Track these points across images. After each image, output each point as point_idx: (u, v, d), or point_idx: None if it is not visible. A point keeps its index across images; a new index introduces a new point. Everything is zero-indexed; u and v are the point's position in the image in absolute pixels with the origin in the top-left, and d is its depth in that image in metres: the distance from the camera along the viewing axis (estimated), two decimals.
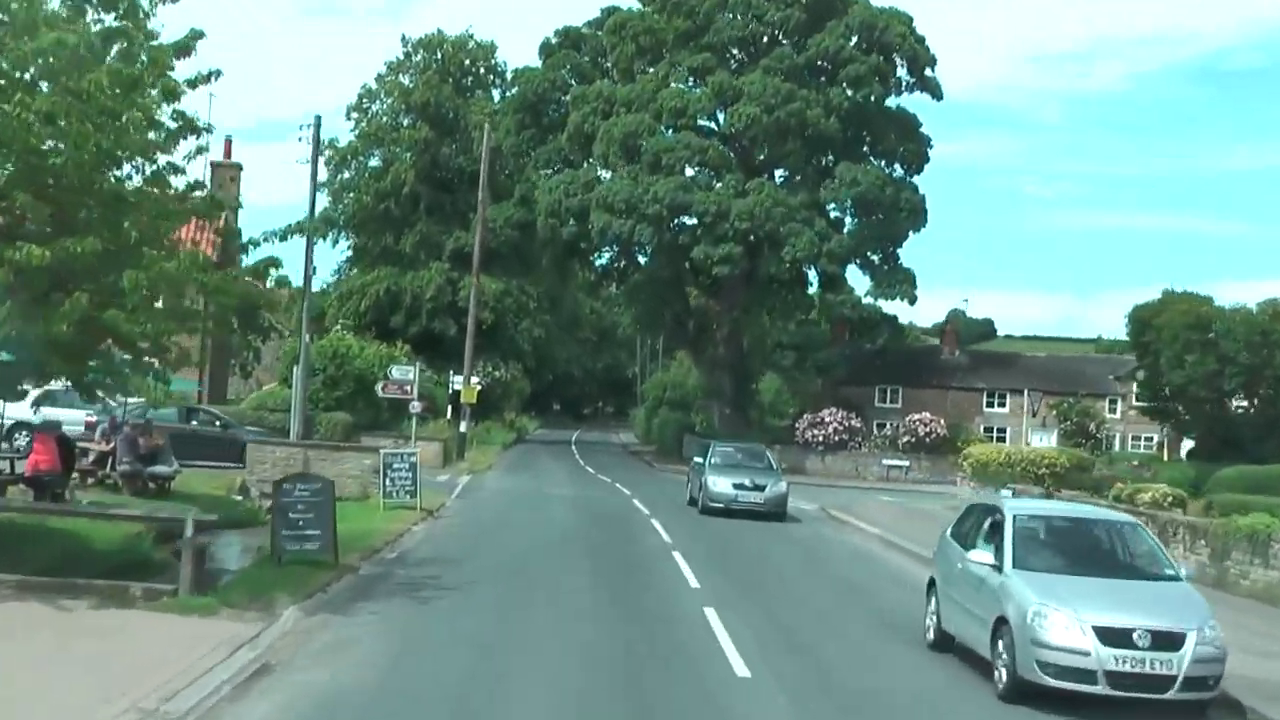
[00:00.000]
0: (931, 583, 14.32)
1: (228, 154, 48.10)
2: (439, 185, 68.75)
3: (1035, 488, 32.70)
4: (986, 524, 13.18)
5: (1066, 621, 11.02)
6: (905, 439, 50.65)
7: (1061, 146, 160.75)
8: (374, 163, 70.06)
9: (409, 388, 30.57)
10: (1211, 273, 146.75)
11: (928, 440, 50.47)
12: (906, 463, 49.95)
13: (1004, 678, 11.51)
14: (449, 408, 46.62)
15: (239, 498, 29.45)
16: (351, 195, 69.30)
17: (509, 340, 68.02)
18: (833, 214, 52.78)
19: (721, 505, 27.45)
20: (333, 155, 69.62)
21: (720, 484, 27.67)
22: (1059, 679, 10.94)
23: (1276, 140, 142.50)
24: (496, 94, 70.23)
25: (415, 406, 30.57)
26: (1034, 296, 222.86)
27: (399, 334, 65.17)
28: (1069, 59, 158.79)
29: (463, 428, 44.11)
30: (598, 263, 63.71)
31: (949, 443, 50.94)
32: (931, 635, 13.93)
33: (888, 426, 53.73)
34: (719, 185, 49.86)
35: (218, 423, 34.59)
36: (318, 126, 37.96)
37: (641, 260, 57.26)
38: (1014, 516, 12.74)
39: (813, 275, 53.08)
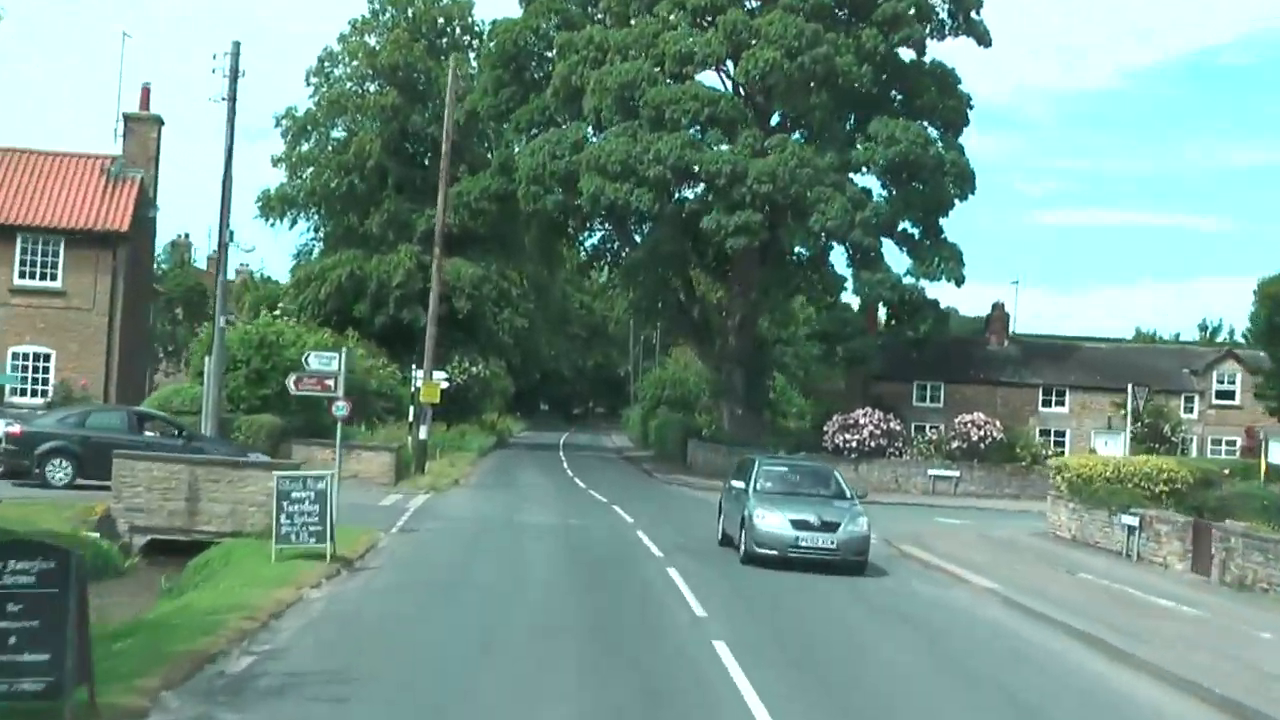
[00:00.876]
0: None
1: (145, 104, 39.45)
2: (409, 159, 60.18)
3: (1177, 515, 24.21)
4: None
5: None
6: (955, 444, 42.17)
7: (1051, 144, 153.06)
8: (337, 134, 61.41)
9: (332, 382, 21.85)
10: (1200, 269, 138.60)
11: (981, 445, 42.01)
12: (956, 473, 41.50)
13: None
14: (410, 409, 38.08)
15: (94, 535, 20.96)
16: (310, 170, 60.56)
17: (488, 332, 59.40)
18: (864, 179, 44.37)
19: (775, 552, 18.84)
20: (290, 125, 61.06)
21: (773, 521, 19.02)
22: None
23: (1266, 138, 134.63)
24: (474, 57, 61.57)
25: (340, 408, 21.71)
26: (1026, 292, 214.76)
27: (364, 325, 56.69)
28: (1062, 52, 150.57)
29: (423, 433, 35.53)
30: (588, 242, 55.27)
31: (1005, 448, 42.51)
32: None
33: (927, 429, 45.29)
34: (731, 144, 41.24)
35: (179, 433, 26.23)
36: (236, 55, 29.51)
37: (639, 237, 48.79)
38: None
39: (838, 252, 44.75)
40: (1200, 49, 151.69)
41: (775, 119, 45.19)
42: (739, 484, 20.59)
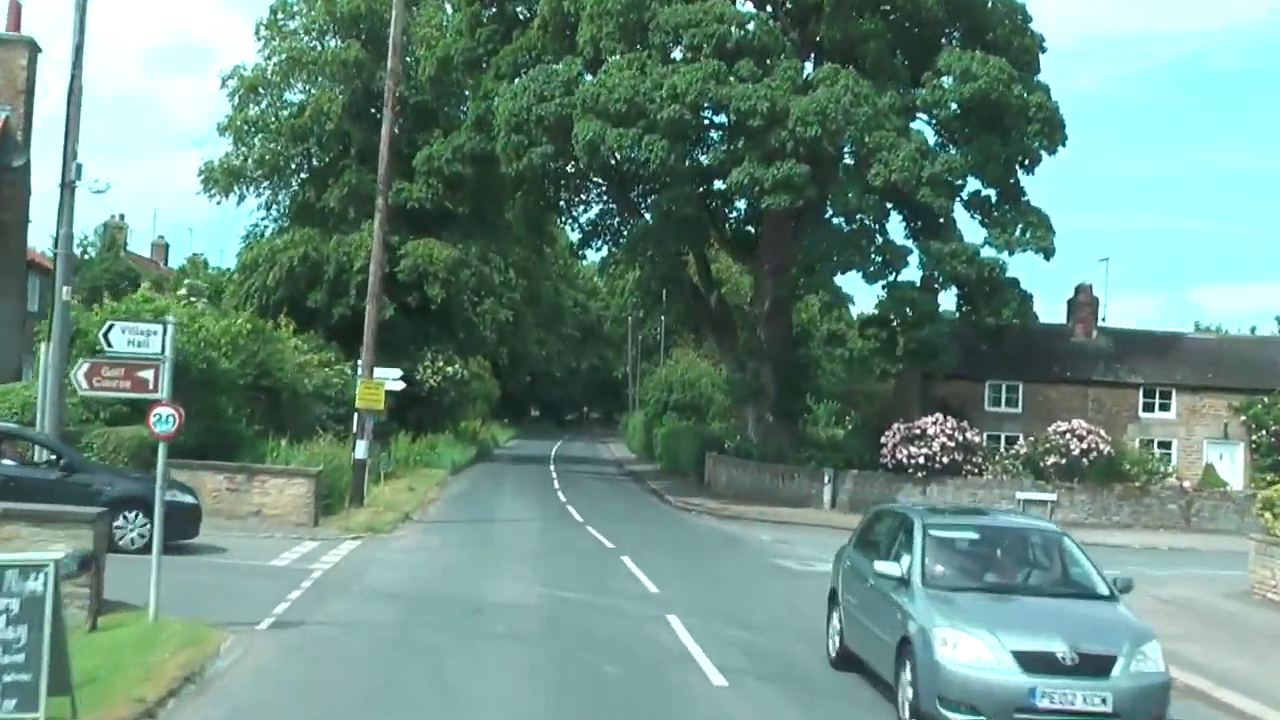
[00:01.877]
0: None
1: (14, 24, 29.98)
2: (374, 124, 50.48)
3: None
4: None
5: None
6: (1050, 460, 32.72)
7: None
8: (292, 96, 51.89)
9: (150, 375, 12.25)
10: (1194, 275, 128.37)
11: (1084, 461, 32.57)
12: (1053, 496, 32.01)
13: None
14: (355, 418, 28.54)
15: None
16: (260, 138, 50.97)
17: (467, 325, 49.93)
18: (926, 128, 34.90)
19: (997, 715, 9.18)
20: (237, 86, 51.45)
21: (977, 655, 9.00)
22: None
23: (1258, 141, 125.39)
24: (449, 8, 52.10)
25: (165, 420, 12.06)
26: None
27: (320, 318, 47.28)
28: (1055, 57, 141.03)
29: (360, 450, 25.88)
30: (584, 216, 45.82)
31: (1111, 465, 33.12)
32: None
33: (1002, 440, 35.87)
34: (766, 78, 31.68)
35: (56, 458, 17.75)
36: None
37: (646, 211, 39.33)
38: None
39: (892, 219, 35.35)
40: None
41: (825, 40, 35.05)
42: (889, 568, 10.33)
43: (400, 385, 31.25)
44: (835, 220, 34.25)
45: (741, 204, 37.21)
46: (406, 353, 47.60)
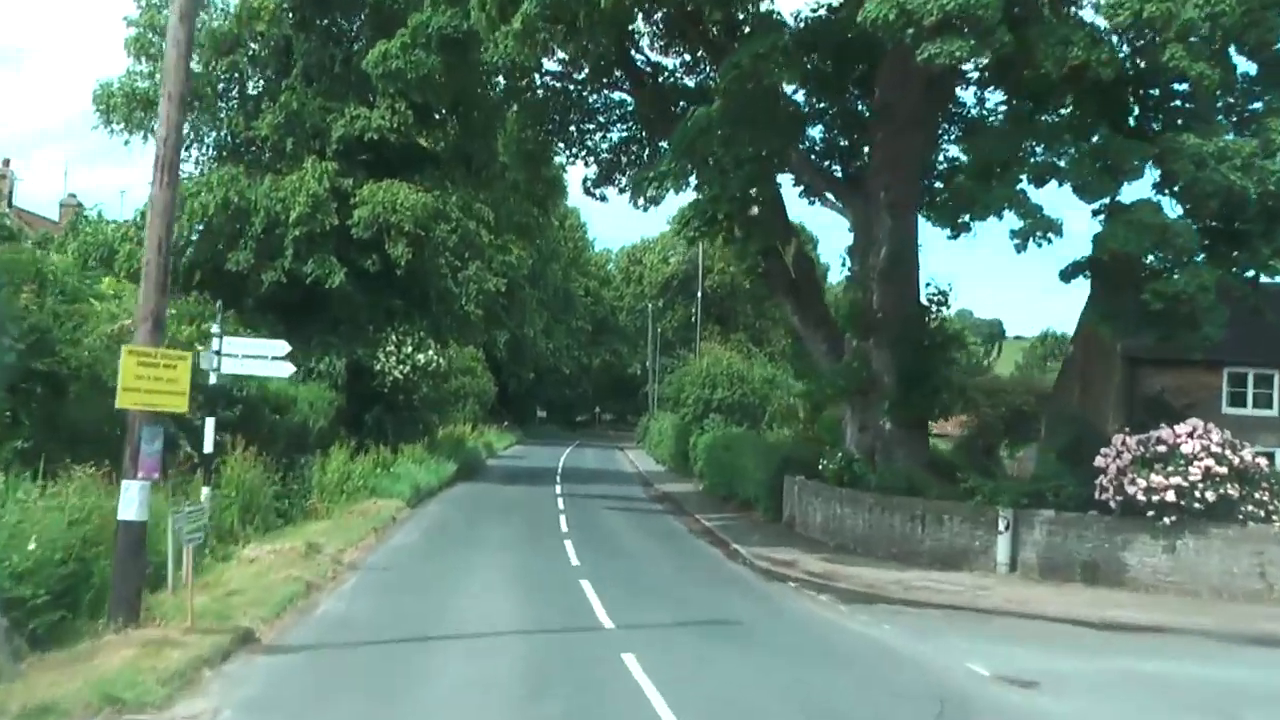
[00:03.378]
0: None
1: None
2: (326, 31, 37.30)
3: None
4: None
5: None
6: None
7: None
8: None
9: None
10: None
11: None
12: None
13: None
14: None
15: None
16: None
17: (443, 297, 36.59)
18: None
19: None
20: None
21: None
22: None
23: None
24: None
25: None
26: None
27: (243, 284, 34.24)
28: None
29: (131, 506, 12.26)
30: (605, 142, 32.42)
31: None
32: None
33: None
34: None
35: None
36: None
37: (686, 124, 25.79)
38: None
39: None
40: None
41: None
42: None
43: (285, 370, 17.69)
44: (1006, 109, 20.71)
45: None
46: (361, 334, 34.37)
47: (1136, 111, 20.73)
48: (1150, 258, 18.71)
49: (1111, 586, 19.07)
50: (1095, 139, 19.37)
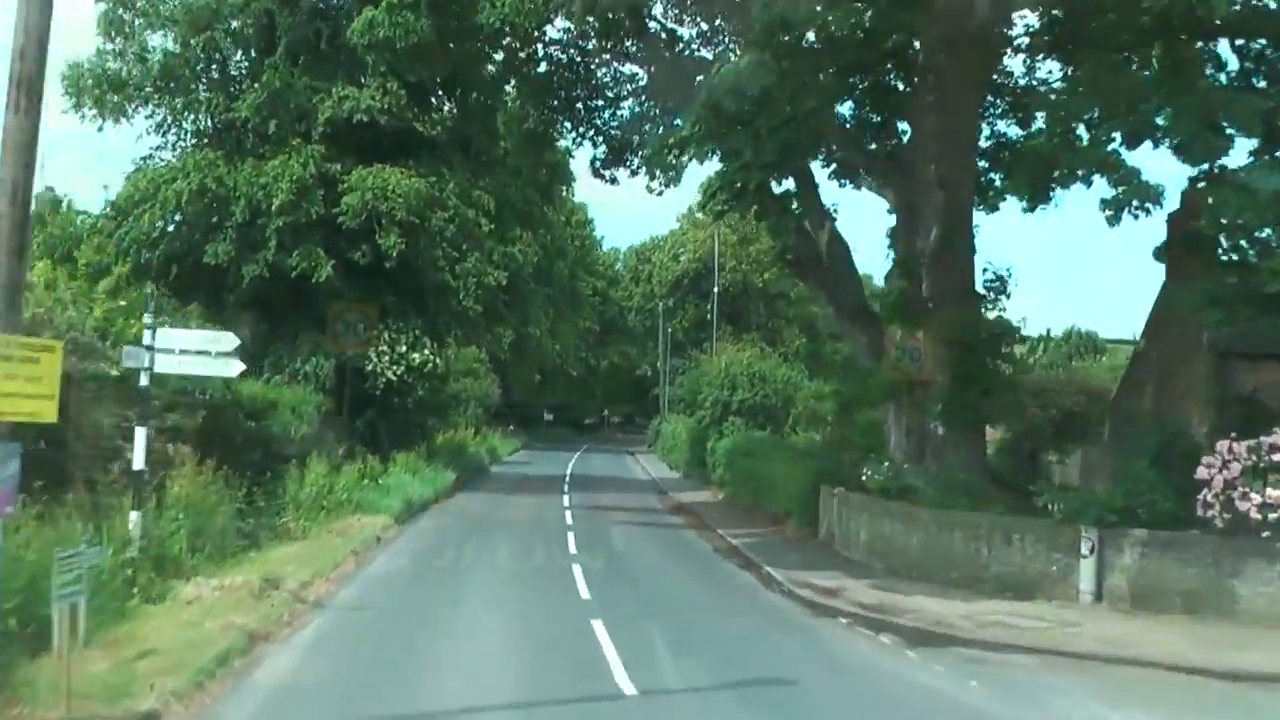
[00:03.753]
0: None
1: None
2: (311, 8, 34.29)
3: None
4: None
5: None
6: None
7: None
8: None
9: None
10: None
11: None
12: None
13: None
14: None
15: None
16: (151, 33, 34.57)
17: (441, 291, 33.59)
18: None
19: None
20: None
21: None
22: None
23: None
24: None
25: None
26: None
27: (226, 279, 31.51)
28: None
29: None
30: (608, 115, 29.45)
31: None
32: None
33: None
34: None
35: None
36: None
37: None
38: None
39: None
40: None
41: None
42: None
43: (232, 368, 14.62)
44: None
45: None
46: (350, 331, 31.43)
47: (1236, 65, 17.64)
48: (1268, 231, 15.63)
49: (1220, 620, 15.96)
50: (1193, 95, 16.26)
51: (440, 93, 35.87)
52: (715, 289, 59.58)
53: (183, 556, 15.09)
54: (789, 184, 23.17)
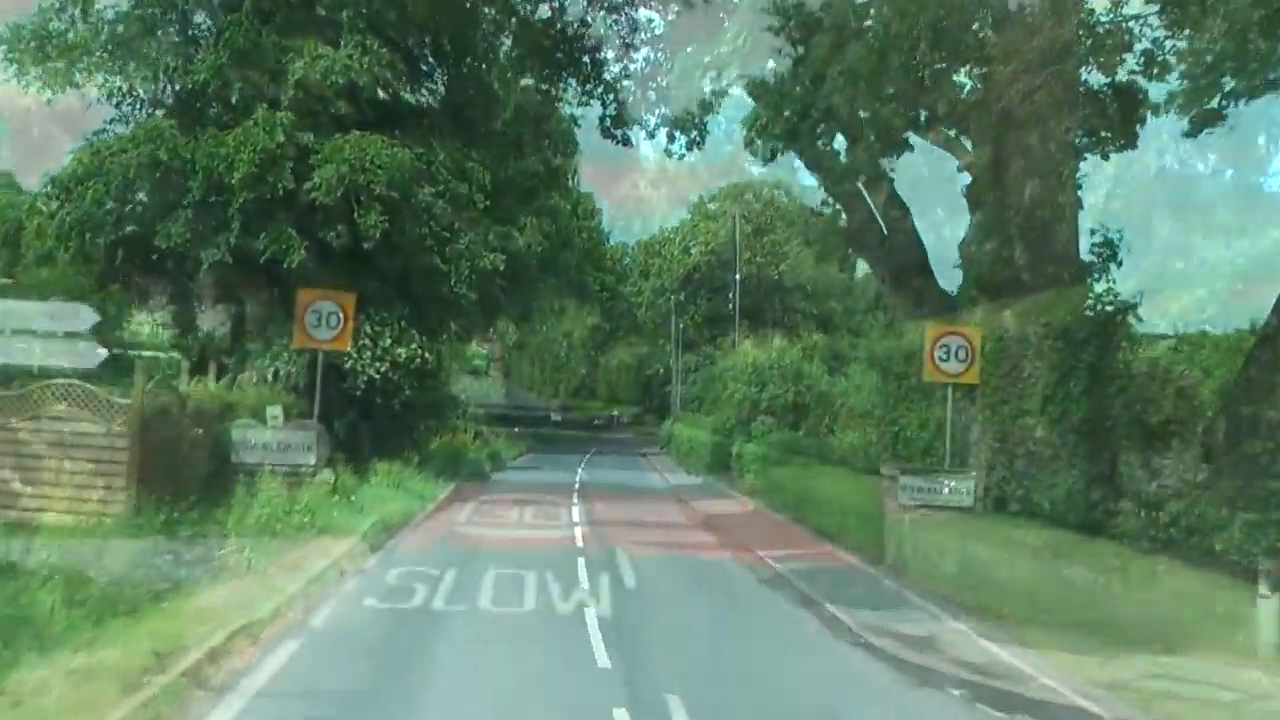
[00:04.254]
0: None
1: None
2: None
3: None
4: None
5: None
6: None
7: None
8: None
9: None
10: None
11: None
12: None
13: None
14: None
15: None
16: None
17: (430, 276, 29.30)
18: None
19: None
20: None
21: None
22: None
23: None
24: None
25: None
26: None
27: (176, 265, 27.46)
28: None
29: None
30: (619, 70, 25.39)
31: None
32: None
33: None
34: None
35: None
36: None
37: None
38: None
39: None
40: None
41: None
42: None
43: (89, 356, 10.26)
44: None
45: None
46: (323, 323, 27.15)
47: None
48: None
49: None
50: None
51: (431, 59, 31.80)
52: (737, 275, 55.34)
53: (54, 617, 10.94)
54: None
